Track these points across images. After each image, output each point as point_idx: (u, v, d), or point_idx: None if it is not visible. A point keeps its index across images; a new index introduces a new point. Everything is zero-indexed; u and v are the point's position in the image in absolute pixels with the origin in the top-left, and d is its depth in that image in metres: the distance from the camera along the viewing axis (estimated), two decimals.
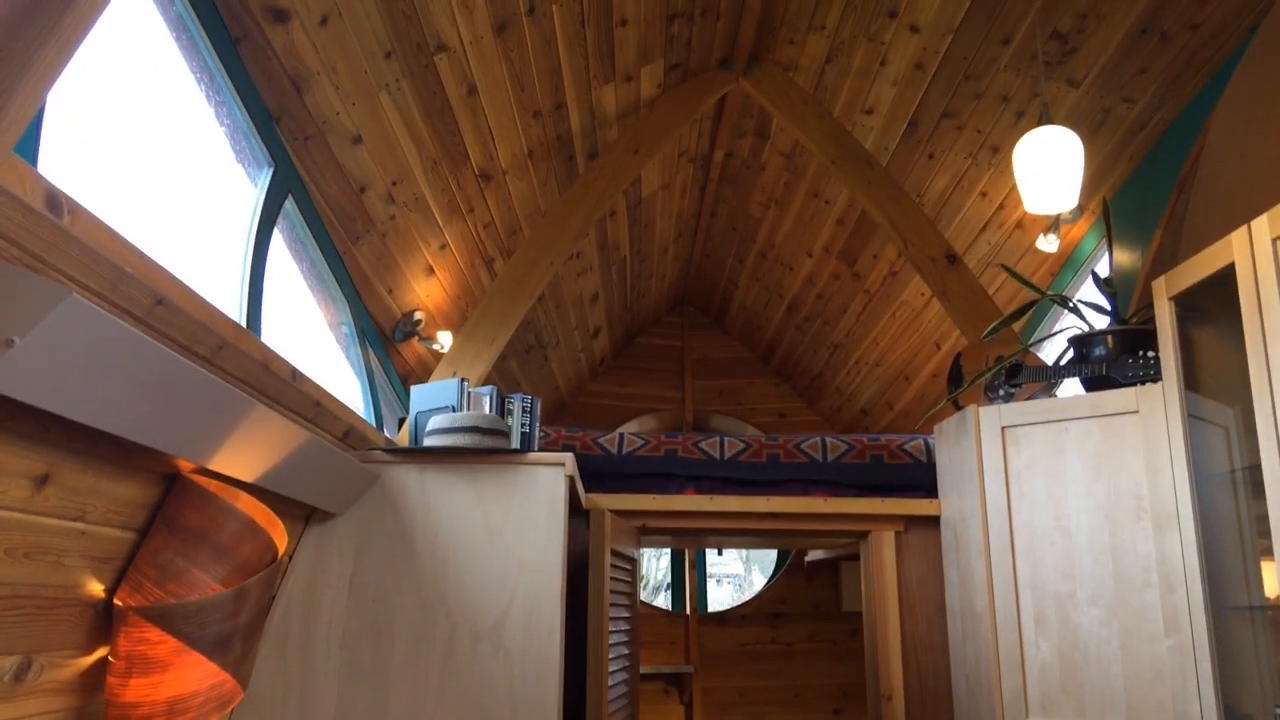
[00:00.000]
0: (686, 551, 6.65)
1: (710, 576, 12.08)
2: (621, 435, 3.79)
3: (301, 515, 2.42)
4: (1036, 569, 2.94)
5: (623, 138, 4.15)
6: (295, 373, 2.04)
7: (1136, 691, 2.68)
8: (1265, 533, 2.32)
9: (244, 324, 2.65)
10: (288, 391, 2.01)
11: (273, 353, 1.93)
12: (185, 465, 1.71)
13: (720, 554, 7.48)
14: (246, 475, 1.80)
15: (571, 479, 2.61)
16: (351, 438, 2.52)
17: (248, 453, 1.76)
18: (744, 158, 5.17)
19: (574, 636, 2.93)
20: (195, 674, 1.59)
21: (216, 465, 1.68)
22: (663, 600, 7.54)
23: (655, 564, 10.81)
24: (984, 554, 3.06)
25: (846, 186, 4.22)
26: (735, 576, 12.05)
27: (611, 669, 2.95)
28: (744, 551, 11.89)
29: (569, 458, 2.59)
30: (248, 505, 1.77)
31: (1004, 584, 2.99)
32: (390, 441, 2.81)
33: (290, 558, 2.43)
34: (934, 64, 3.95)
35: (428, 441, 2.67)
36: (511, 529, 2.52)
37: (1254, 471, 2.44)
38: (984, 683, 3.01)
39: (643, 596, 7.72)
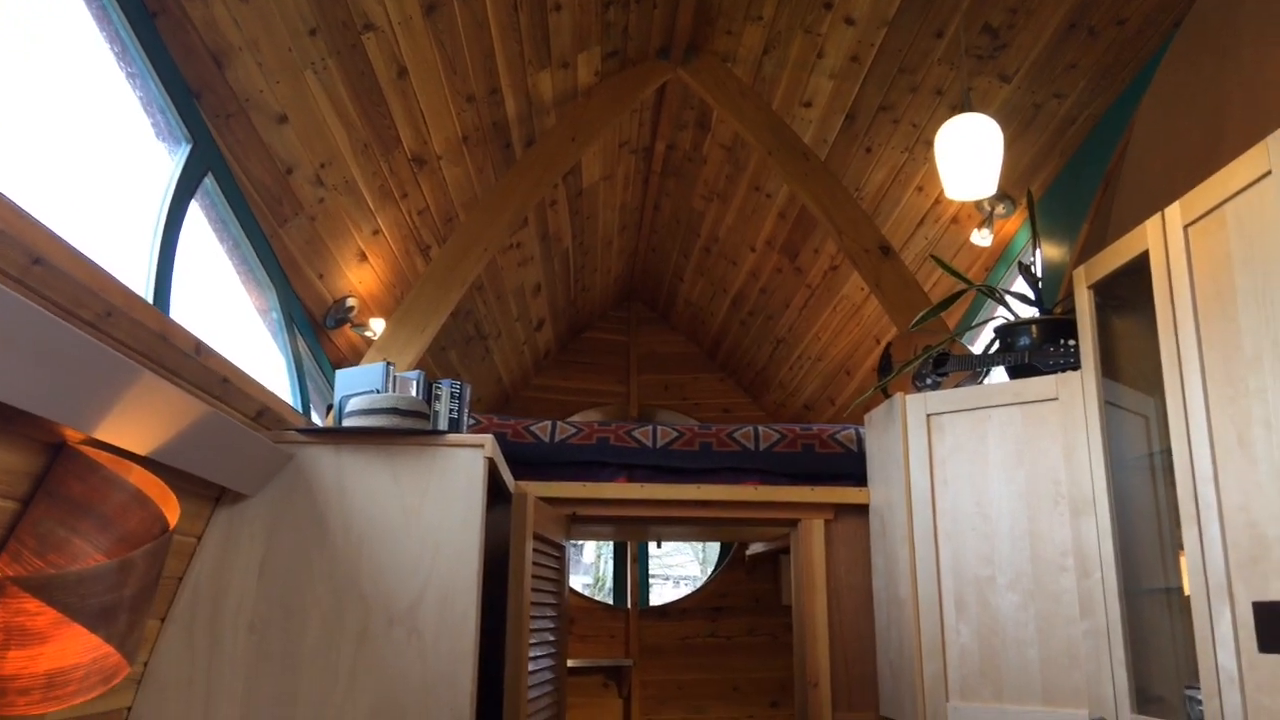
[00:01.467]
0: (629, 546, 6.63)
1: (666, 578, 12.08)
2: (554, 423, 3.77)
3: (211, 496, 2.37)
4: (958, 555, 2.96)
5: (560, 125, 4.13)
6: (200, 346, 1.99)
7: (1052, 674, 2.71)
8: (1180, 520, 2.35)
9: (151, 298, 2.59)
10: (189, 365, 1.96)
11: (173, 324, 1.88)
12: (72, 435, 1.66)
13: (659, 546, 7.47)
14: (139, 448, 1.75)
15: (492, 460, 2.59)
16: (266, 418, 2.47)
17: (139, 424, 1.71)
18: (685, 150, 5.17)
19: (496, 623, 2.91)
20: (76, 646, 1.54)
21: (103, 435, 1.63)
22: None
23: (612, 565, 10.78)
24: (908, 540, 3.08)
25: (784, 178, 4.23)
26: (691, 579, 12.06)
27: (533, 654, 2.93)
28: (700, 553, 11.92)
29: (489, 439, 2.56)
30: (140, 478, 1.73)
31: (926, 570, 3.01)
32: (311, 424, 2.77)
33: (199, 539, 2.38)
34: (869, 56, 3.97)
35: (346, 423, 2.63)
36: (429, 511, 2.49)
37: (1168, 456, 2.47)
38: (906, 668, 3.03)
39: (598, 596, 7.71)
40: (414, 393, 2.92)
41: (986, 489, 2.95)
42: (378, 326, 4.10)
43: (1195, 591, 2.22)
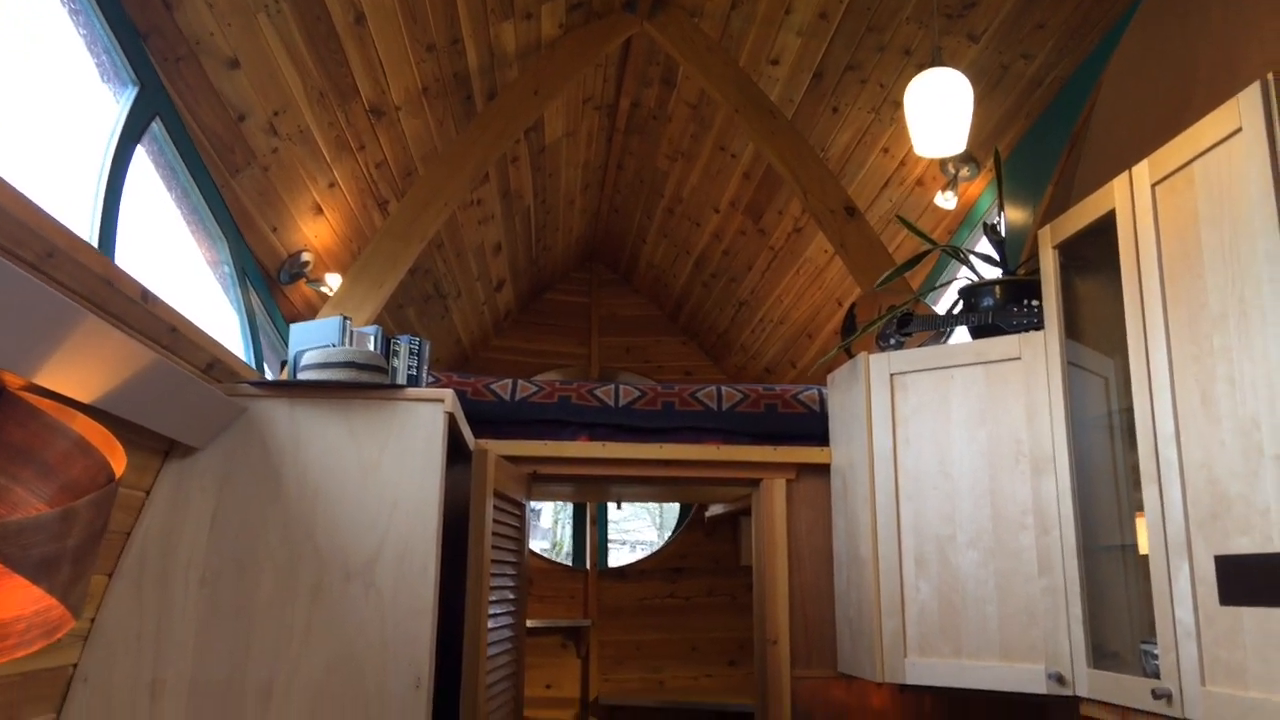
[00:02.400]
0: (588, 507, 6.62)
1: (623, 543, 12.11)
2: (515, 382, 3.71)
3: (160, 449, 2.30)
4: (919, 513, 2.97)
5: (523, 78, 4.04)
6: (146, 294, 1.92)
7: (1010, 631, 2.72)
8: (1140, 481, 2.36)
9: (96, 243, 2.50)
10: (135, 312, 1.89)
11: (118, 269, 1.81)
12: (12, 380, 1.59)
13: (620, 508, 7.47)
14: (82, 395, 1.68)
15: (452, 416, 2.53)
16: (217, 370, 2.40)
17: (83, 370, 1.64)
18: (650, 107, 5.10)
19: (456, 580, 2.87)
20: (17, 598, 1.48)
21: (44, 380, 1.56)
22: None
23: (569, 530, 10.77)
24: (870, 499, 3.08)
25: (750, 136, 4.18)
26: (648, 544, 12.09)
27: (493, 611, 2.90)
28: (657, 517, 11.93)
29: (449, 394, 2.51)
30: (84, 426, 1.66)
31: (887, 528, 3.01)
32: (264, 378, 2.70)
33: (147, 493, 2.31)
34: (838, 13, 3.92)
35: (301, 376, 2.56)
36: (387, 466, 2.44)
37: (1127, 415, 2.48)
38: (865, 626, 3.04)
39: (557, 558, 7.70)
40: (372, 348, 2.85)
41: (949, 448, 2.95)
42: (334, 282, 4.01)
43: (1154, 548, 2.23)
